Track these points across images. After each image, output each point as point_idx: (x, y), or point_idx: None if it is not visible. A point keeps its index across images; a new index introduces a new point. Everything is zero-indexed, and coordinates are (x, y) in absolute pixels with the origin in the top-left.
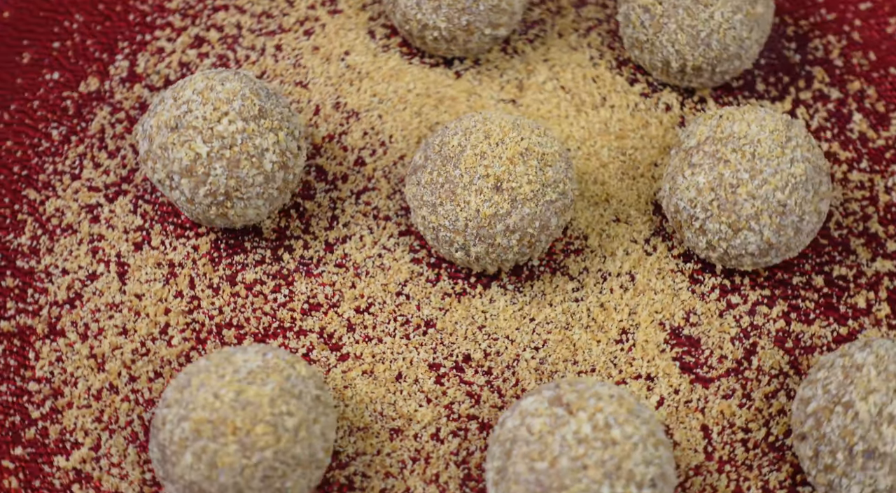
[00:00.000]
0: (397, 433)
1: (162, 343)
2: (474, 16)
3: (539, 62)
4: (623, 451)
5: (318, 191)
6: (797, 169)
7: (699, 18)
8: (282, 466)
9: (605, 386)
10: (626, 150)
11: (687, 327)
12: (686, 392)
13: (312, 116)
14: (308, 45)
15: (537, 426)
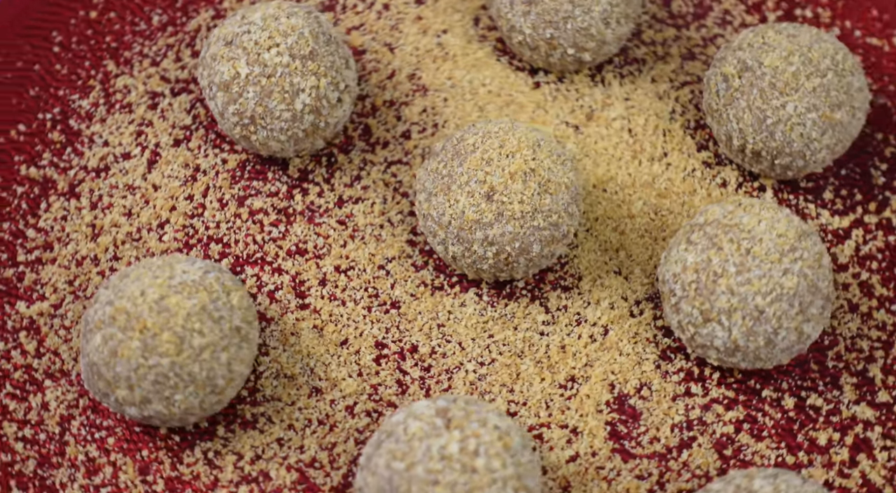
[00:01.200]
0: (317, 392)
1: (155, 236)
2: (559, 32)
3: (619, 98)
4: (478, 482)
5: (356, 148)
6: (788, 281)
7: (770, 104)
8: (175, 378)
9: (499, 418)
10: (660, 209)
11: (635, 397)
12: (603, 458)
13: (385, 79)
14: (413, 14)
15: (413, 429)
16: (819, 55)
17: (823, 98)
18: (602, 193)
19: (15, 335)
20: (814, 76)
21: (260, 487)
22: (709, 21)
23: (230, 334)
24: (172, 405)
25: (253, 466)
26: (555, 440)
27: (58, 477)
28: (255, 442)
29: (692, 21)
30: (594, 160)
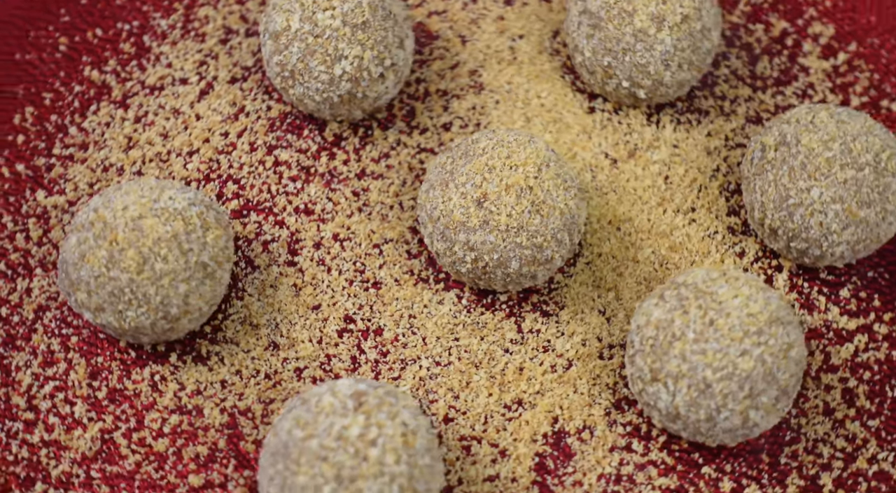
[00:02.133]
0: (274, 347)
1: (181, 161)
2: (617, 62)
3: (668, 143)
4: (364, 470)
5: (394, 127)
6: (743, 363)
7: (796, 185)
8: (129, 294)
9: (412, 416)
10: (667, 262)
11: (574, 437)
12: (521, 488)
13: (446, 68)
14: (497, 13)
15: (324, 403)
16: (862, 148)
17: (853, 192)
18: (615, 231)
19: (25, 220)
20: (848, 167)
21: (190, 420)
22: (789, 90)
23: (194, 268)
24: (123, 320)
25: (191, 399)
26: (481, 455)
27: (15, 360)
28: (200, 377)
29: (771, 86)
30: (619, 197)
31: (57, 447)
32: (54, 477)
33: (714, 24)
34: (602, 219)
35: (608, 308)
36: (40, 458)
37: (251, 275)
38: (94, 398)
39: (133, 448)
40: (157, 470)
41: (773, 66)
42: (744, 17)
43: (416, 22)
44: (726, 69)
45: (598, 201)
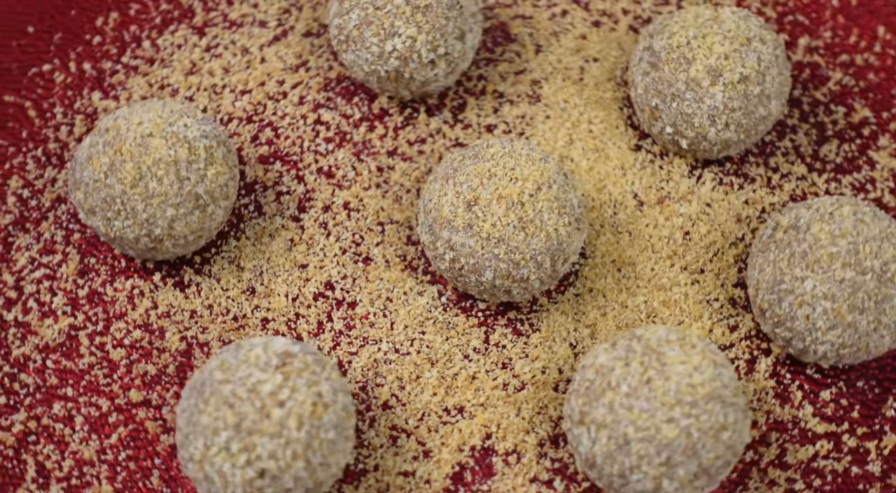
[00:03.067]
0: (252, 293)
1: (231, 98)
2: (664, 106)
3: (700, 200)
4: (263, 427)
5: (440, 116)
6: (667, 430)
7: (792, 272)
8: (119, 205)
9: (333, 390)
10: (656, 315)
11: (501, 458)
12: (431, 491)
13: (511, 72)
14: (581, 31)
15: (252, 354)
16: (871, 252)
17: (847, 294)
18: (615, 271)
19: (73, 116)
20: (850, 268)
21: (151, 339)
22: (846, 180)
23: (187, 197)
24: (110, 228)
25: (158, 319)
26: (405, 449)
27: (19, 240)
28: (174, 302)
29: (830, 171)
30: (632, 240)
31: (26, 329)
32: (13, 356)
33: (777, 92)
34: (606, 256)
35: (580, 344)
36: (7, 335)
37: (255, 220)
38: (75, 295)
39: (92, 350)
40: (105, 376)
41: (839, 151)
42: (829, 96)
43: (498, 21)
44: (790, 142)
45: (609, 238)
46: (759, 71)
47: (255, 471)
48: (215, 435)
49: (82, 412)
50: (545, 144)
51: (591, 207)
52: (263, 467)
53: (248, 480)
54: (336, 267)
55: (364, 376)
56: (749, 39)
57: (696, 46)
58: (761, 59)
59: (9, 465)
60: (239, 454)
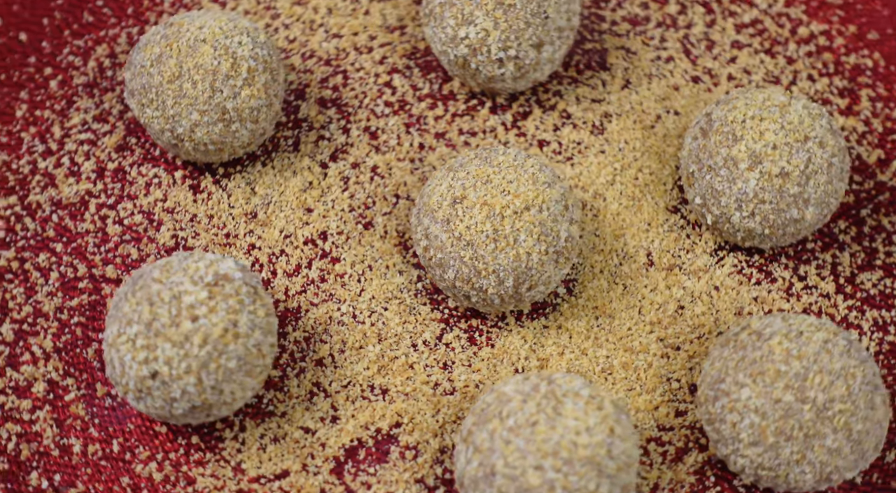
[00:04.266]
0: (251, 217)
1: (320, 37)
2: (699, 175)
3: (711, 281)
4: (167, 332)
5: (500, 117)
6: (531, 477)
7: (735, 375)
8: (153, 95)
9: (252, 326)
10: (611, 374)
11: (398, 450)
12: (320, 459)
13: (586, 98)
14: (677, 82)
15: (193, 267)
16: (822, 385)
17: (778, 416)
18: (592, 318)
19: (180, 7)
20: (791, 392)
21: (147, 227)
22: (871, 313)
23: (213, 108)
24: (142, 113)
25: (162, 212)
26: (316, 408)
27: (81, 102)
28: (181, 201)
29: (859, 299)
30: (623, 295)
31: (50, 181)
32: (28, 200)
33: (819, 200)
34: (591, 301)
35: (525, 373)
36: (33, 180)
37: (287, 153)
38: (104, 166)
39: (94, 219)
40: (94, 246)
41: (879, 284)
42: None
43: (601, 46)
44: (831, 257)
45: (602, 285)
46: (803, 172)
47: (149, 371)
48: (128, 325)
49: (60, 269)
50: (586, 176)
51: (598, 249)
52: (157, 369)
53: (140, 376)
54: (337, 221)
55: (313, 329)
56: (807, 138)
57: (750, 127)
58: (811, 161)
59: None
60: (140, 350)
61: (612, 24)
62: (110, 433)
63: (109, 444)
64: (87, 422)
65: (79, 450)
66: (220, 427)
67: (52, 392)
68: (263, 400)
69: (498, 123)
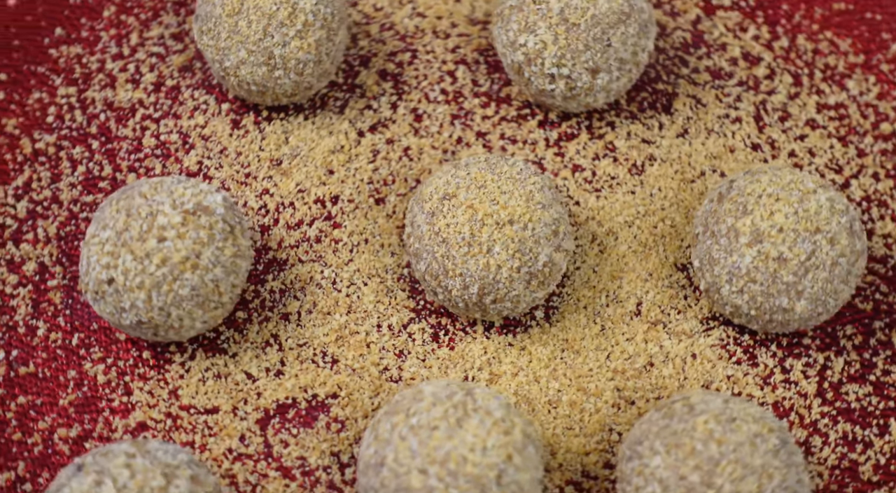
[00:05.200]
0: (275, 164)
1: (408, 11)
2: (702, 238)
3: (685, 354)
4: (157, 256)
5: (548, 130)
6: (415, 481)
7: (649, 440)
8: (211, 24)
9: (230, 271)
10: (550, 404)
11: (324, 420)
12: (253, 405)
13: (637, 136)
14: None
15: (178, 193)
16: (732, 474)
17: (681, 491)
18: (559, 351)
19: None
20: (698, 472)
21: (178, 148)
22: (845, 425)
23: (261, 51)
24: (199, 39)
25: (198, 138)
26: (265, 357)
27: (165, 17)
28: (218, 132)
29: (839, 408)
30: (596, 335)
31: (110, 82)
32: (85, 95)
33: (814, 297)
34: (562, 333)
35: (473, 383)
36: (95, 78)
37: (331, 114)
38: (163, 82)
39: (135, 128)
40: (125, 152)
41: (865, 399)
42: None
43: (672, 89)
44: (823, 359)
45: (578, 320)
46: (803, 263)
47: (107, 276)
48: (103, 229)
49: (88, 165)
50: (607, 212)
51: (590, 285)
52: (114, 276)
53: (98, 279)
54: (352, 189)
55: (291, 284)
56: (818, 230)
57: (763, 203)
58: (815, 255)
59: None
60: (105, 255)
61: (693, 71)
62: (75, 327)
63: (71, 336)
64: (59, 311)
65: (42, 334)
66: (173, 351)
67: (39, 274)
68: (221, 337)
69: (541, 138)
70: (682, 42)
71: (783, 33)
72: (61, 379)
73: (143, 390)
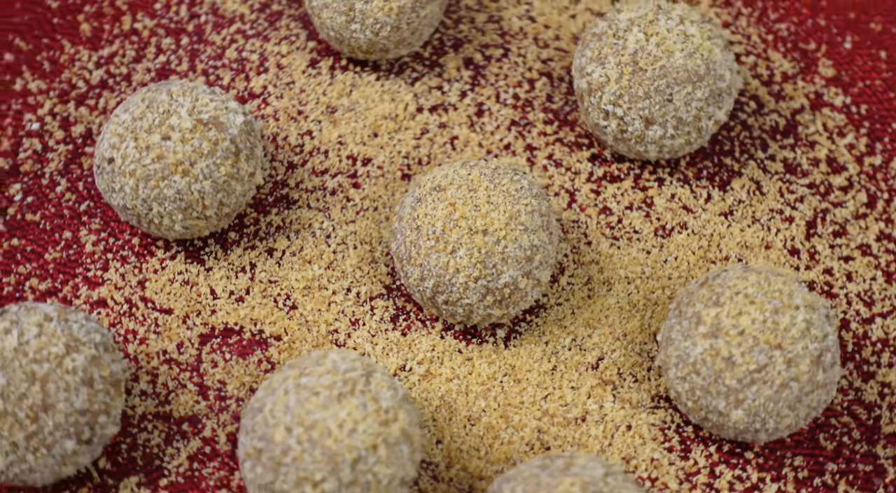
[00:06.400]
0: (294, 116)
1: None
2: (674, 372)
3: (647, 447)
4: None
5: (588, 150)
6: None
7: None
8: None
9: (221, 183)
10: (484, 439)
11: (258, 355)
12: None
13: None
14: None
15: (200, 100)
16: None
17: None
18: (499, 373)
19: None
20: None
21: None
22: None
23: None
24: None
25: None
26: (234, 281)
27: None
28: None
29: None
30: (545, 370)
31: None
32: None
33: (751, 410)
34: (510, 359)
35: (407, 366)
36: None
37: (400, 80)
38: (282, 10)
39: (224, 35)
40: (207, 57)
41: None
42: None
43: (738, 170)
44: (792, 472)
45: (532, 352)
46: (750, 374)
47: (108, 155)
48: (124, 112)
49: (169, 57)
50: (613, 261)
51: (561, 324)
52: (113, 157)
53: (103, 156)
54: (386, 158)
55: (289, 223)
56: (780, 347)
57: (737, 301)
58: (765, 370)
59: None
60: (115, 135)
61: (769, 157)
62: (90, 195)
63: (82, 202)
64: (83, 176)
65: (60, 190)
66: (159, 246)
67: (83, 138)
68: (206, 249)
69: (586, 171)
70: (773, 126)
71: (880, 151)
72: (56, 236)
73: (118, 271)
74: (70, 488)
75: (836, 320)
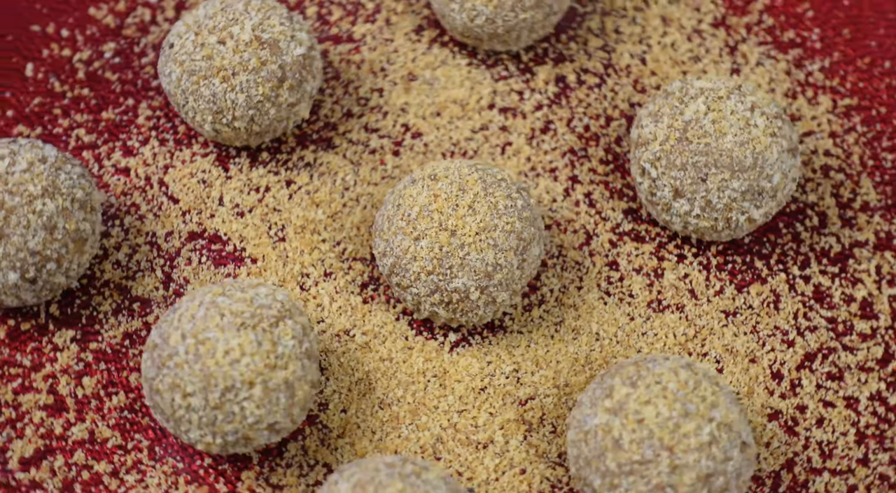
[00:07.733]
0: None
1: None
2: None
3: None
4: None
5: (627, 200)
6: None
7: None
8: None
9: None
10: (434, 446)
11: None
12: None
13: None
14: None
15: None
16: None
17: None
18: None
19: None
20: None
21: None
22: None
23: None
24: None
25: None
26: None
27: None
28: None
29: None
30: (498, 384)
31: None
32: None
33: None
34: (469, 360)
35: (357, 340)
36: None
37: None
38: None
39: None
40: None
41: None
42: None
43: (772, 286)
44: None
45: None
46: (640, 459)
47: (170, 40)
48: (191, 16)
49: None
50: (602, 319)
51: (511, 353)
52: (173, 42)
53: (169, 39)
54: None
55: (315, 164)
56: (671, 449)
57: (652, 390)
58: (654, 464)
59: None
60: (183, 26)
61: (803, 277)
62: None
63: (157, 78)
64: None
65: (144, 61)
66: (201, 140)
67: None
68: (235, 159)
69: (614, 219)
70: (824, 249)
71: None
72: (121, 100)
73: (153, 150)
74: (16, 318)
75: (754, 461)
